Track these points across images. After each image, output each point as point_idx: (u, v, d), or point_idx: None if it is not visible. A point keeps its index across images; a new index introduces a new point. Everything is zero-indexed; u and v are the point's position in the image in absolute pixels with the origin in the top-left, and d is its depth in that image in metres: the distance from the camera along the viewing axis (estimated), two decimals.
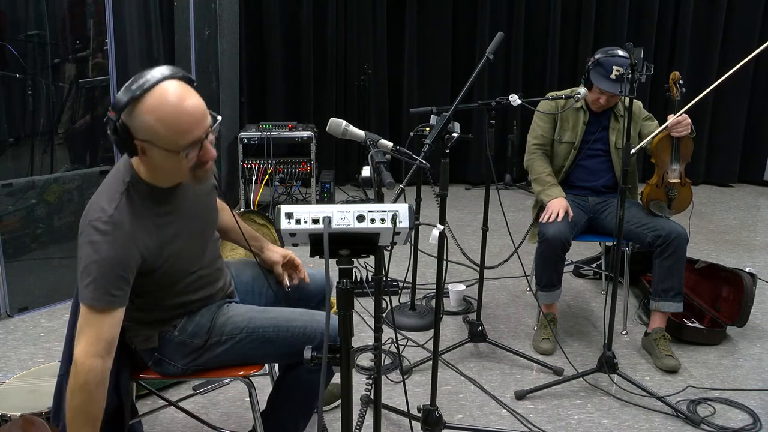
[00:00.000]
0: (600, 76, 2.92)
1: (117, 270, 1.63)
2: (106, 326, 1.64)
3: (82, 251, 1.64)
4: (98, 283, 1.62)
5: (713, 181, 6.36)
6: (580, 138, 3.10)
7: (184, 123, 1.59)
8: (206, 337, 1.88)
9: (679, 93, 2.82)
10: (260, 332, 1.90)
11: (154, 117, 1.57)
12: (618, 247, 2.61)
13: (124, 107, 1.57)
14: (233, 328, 1.90)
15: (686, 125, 2.84)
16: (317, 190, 5.25)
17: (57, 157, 3.63)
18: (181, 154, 1.61)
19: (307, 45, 5.91)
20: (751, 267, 3.53)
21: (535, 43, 6.11)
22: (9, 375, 2.66)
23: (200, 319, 1.90)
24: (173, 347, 1.88)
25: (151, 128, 1.58)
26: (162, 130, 1.58)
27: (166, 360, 1.89)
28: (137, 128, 1.59)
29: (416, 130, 2.83)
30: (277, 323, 1.91)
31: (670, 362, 2.85)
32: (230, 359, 1.92)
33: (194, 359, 1.89)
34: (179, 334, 1.87)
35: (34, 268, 3.45)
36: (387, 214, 1.43)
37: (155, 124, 1.58)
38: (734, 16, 6.04)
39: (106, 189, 1.72)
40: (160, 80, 1.59)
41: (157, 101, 1.57)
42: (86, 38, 3.69)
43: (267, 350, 1.92)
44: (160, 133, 1.59)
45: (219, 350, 1.90)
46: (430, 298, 3.58)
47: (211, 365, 1.92)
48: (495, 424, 2.48)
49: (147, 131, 1.59)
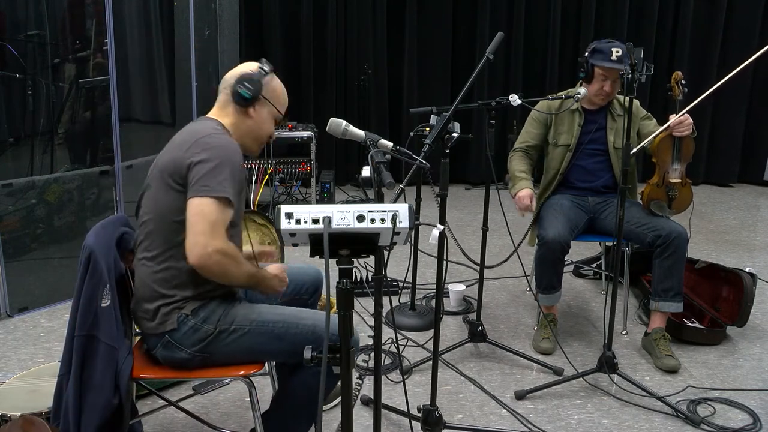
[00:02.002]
0: (600, 60, 2.94)
1: (241, 176, 1.92)
2: (228, 218, 1.86)
3: (210, 152, 1.84)
4: (234, 178, 1.86)
5: (713, 181, 6.36)
6: (576, 139, 3.10)
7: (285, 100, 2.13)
8: (216, 324, 1.92)
9: (681, 93, 2.82)
10: (269, 326, 1.93)
11: (281, 88, 2.10)
12: (618, 247, 2.61)
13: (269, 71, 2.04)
14: (243, 320, 1.94)
15: (688, 125, 2.84)
16: (317, 190, 5.25)
17: (57, 157, 3.62)
18: (268, 123, 2.06)
19: (307, 45, 5.91)
20: (751, 267, 3.53)
21: (535, 43, 6.12)
22: (9, 375, 2.66)
23: (215, 307, 1.94)
24: (185, 331, 1.91)
25: (279, 93, 2.08)
26: (282, 98, 2.10)
27: (175, 344, 1.91)
28: (268, 88, 2.03)
29: (416, 130, 2.83)
30: (286, 320, 1.95)
31: (670, 362, 2.85)
32: (237, 351, 1.94)
33: (203, 347, 1.91)
34: (192, 318, 1.91)
35: (34, 268, 3.45)
36: (387, 214, 1.43)
37: (282, 92, 2.10)
38: (734, 16, 6.04)
39: (201, 127, 1.95)
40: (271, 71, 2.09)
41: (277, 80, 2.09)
42: (86, 38, 3.68)
43: (274, 346, 1.94)
44: (281, 98, 2.09)
45: (227, 340, 1.92)
46: (430, 298, 3.58)
47: (218, 356, 1.94)
48: (495, 424, 2.49)
49: (274, 92, 2.06)
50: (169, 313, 1.91)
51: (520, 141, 3.23)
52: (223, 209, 1.83)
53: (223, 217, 1.83)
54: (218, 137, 1.90)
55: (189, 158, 1.84)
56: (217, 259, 1.81)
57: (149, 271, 1.92)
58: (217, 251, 1.80)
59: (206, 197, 1.81)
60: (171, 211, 1.87)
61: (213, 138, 1.89)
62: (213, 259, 1.80)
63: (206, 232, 1.80)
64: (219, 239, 1.81)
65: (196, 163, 1.83)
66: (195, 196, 1.82)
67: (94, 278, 1.84)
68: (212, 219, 1.80)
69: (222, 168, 1.83)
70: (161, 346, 1.93)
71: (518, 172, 3.13)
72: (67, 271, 3.47)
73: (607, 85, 2.98)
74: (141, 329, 1.98)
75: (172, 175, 1.87)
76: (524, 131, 3.23)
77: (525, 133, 3.22)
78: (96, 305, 1.84)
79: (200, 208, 1.81)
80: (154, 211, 1.91)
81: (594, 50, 2.97)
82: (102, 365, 1.85)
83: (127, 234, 2.06)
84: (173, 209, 1.87)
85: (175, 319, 1.90)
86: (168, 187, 1.88)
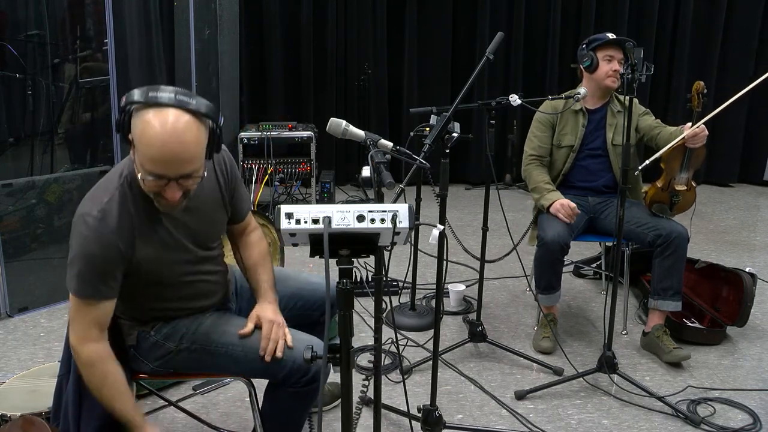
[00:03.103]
0: (600, 41, 2.97)
1: (103, 266, 1.69)
2: (94, 315, 1.72)
3: (72, 240, 1.70)
4: (83, 276, 1.69)
5: (713, 181, 6.36)
6: (580, 140, 3.10)
7: (155, 155, 1.59)
8: (178, 342, 1.89)
9: (701, 104, 2.79)
10: (229, 348, 1.87)
11: (141, 130, 1.59)
12: (618, 247, 2.61)
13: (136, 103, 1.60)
14: (204, 339, 1.89)
15: (703, 137, 2.83)
16: (317, 190, 5.25)
17: (57, 157, 3.62)
18: (142, 174, 1.63)
19: (307, 45, 5.91)
20: (751, 267, 3.53)
21: (535, 43, 6.12)
22: (9, 375, 2.66)
23: (177, 324, 1.91)
24: (148, 347, 1.89)
25: (137, 135, 1.60)
26: (139, 144, 1.61)
27: (139, 358, 1.91)
28: (133, 126, 1.61)
29: (416, 130, 2.83)
30: (245, 343, 1.87)
31: (680, 353, 2.85)
32: (200, 368, 1.93)
33: (165, 362, 1.90)
34: (155, 335, 1.89)
35: (34, 268, 3.45)
36: (387, 214, 1.43)
37: (140, 135, 1.59)
38: (734, 16, 6.04)
39: (105, 181, 1.77)
40: (171, 105, 1.59)
41: (152, 119, 1.58)
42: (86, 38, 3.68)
43: (232, 369, 1.91)
44: (138, 145, 1.61)
45: (189, 358, 1.90)
46: (430, 298, 3.58)
47: (181, 370, 1.94)
48: (495, 424, 2.48)
49: (136, 134, 1.61)
50: (131, 328, 1.90)
51: (531, 148, 3.16)
52: (79, 305, 1.71)
53: (80, 314, 1.71)
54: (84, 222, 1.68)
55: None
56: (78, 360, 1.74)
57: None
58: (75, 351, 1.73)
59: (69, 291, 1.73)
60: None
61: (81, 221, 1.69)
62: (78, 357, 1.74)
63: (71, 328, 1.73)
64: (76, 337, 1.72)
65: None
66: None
67: None
68: (71, 315, 1.73)
69: (73, 263, 1.69)
70: (130, 358, 1.92)
71: (544, 183, 3.06)
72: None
73: (615, 63, 2.98)
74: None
75: None
76: (532, 137, 3.17)
77: (534, 139, 3.16)
78: None
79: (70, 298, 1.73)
80: None
81: (589, 41, 3.02)
82: None
83: None
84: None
85: (135, 335, 1.89)
86: None
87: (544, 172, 3.13)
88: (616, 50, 2.97)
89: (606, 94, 3.11)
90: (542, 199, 3.03)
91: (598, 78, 3.01)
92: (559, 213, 2.94)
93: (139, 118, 1.59)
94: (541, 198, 3.04)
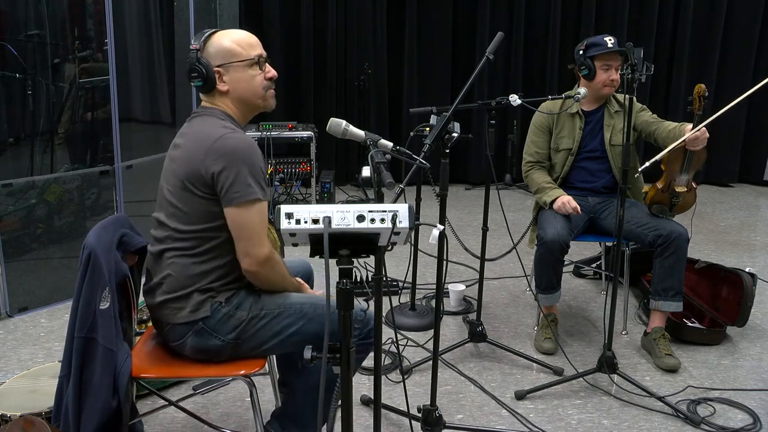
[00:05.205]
0: (598, 50, 2.95)
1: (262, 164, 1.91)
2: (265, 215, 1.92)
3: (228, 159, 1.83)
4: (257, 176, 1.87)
5: (713, 181, 6.36)
6: (578, 143, 3.10)
7: (251, 38, 1.97)
8: (249, 310, 1.96)
9: (702, 107, 2.79)
10: (297, 307, 1.98)
11: (228, 38, 1.94)
12: (618, 247, 2.61)
13: (203, 45, 1.92)
14: (272, 304, 1.99)
15: (704, 140, 2.83)
16: (317, 190, 5.25)
17: (57, 157, 3.62)
18: (254, 67, 1.95)
19: (307, 45, 5.91)
20: (751, 267, 3.53)
21: (535, 43, 6.12)
22: (9, 375, 2.66)
23: (245, 294, 1.99)
24: (219, 318, 1.94)
25: (227, 48, 1.93)
26: (237, 47, 1.93)
27: (209, 331, 1.94)
28: (215, 55, 1.92)
29: (416, 130, 2.83)
30: (312, 300, 2.01)
31: (670, 361, 2.86)
32: (267, 335, 1.97)
33: (237, 333, 1.95)
34: (226, 306, 1.95)
35: (34, 268, 3.45)
36: (387, 214, 1.43)
37: (230, 43, 1.93)
38: (734, 16, 6.04)
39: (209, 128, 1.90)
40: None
41: (225, 31, 1.96)
42: (86, 38, 3.68)
43: (303, 326, 1.97)
44: (235, 50, 1.93)
45: (258, 325, 1.96)
46: (430, 298, 3.58)
47: (249, 342, 1.97)
48: (495, 424, 2.49)
49: (224, 53, 1.93)
50: (203, 302, 1.94)
51: (529, 154, 3.18)
52: (258, 210, 1.88)
53: (260, 219, 1.89)
54: (228, 139, 1.87)
55: (209, 168, 1.85)
56: (258, 270, 1.91)
57: (185, 263, 1.93)
58: (260, 262, 1.90)
59: (240, 206, 1.86)
60: (205, 217, 1.90)
61: (224, 141, 1.86)
62: (259, 269, 1.91)
63: (249, 243, 1.88)
64: (261, 247, 1.89)
65: (218, 174, 1.85)
66: (229, 206, 1.87)
67: (93, 279, 1.84)
68: (251, 227, 1.88)
69: (242, 171, 1.85)
70: (193, 334, 1.94)
71: (545, 183, 3.08)
72: (67, 271, 3.47)
73: (612, 72, 2.99)
74: (168, 321, 1.95)
75: (196, 184, 1.88)
76: (529, 142, 3.19)
77: (531, 144, 3.17)
78: (94, 308, 1.84)
79: (239, 218, 1.87)
80: (187, 215, 1.92)
81: (587, 46, 2.99)
82: (100, 368, 1.85)
83: (127, 235, 2.06)
84: (208, 215, 1.90)
85: (209, 307, 1.93)
86: (195, 195, 1.89)
87: (544, 173, 3.14)
88: (613, 58, 2.97)
89: (603, 99, 3.11)
90: (545, 195, 3.04)
91: (595, 86, 3.02)
92: (561, 210, 2.96)
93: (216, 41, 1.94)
94: (543, 195, 3.05)
